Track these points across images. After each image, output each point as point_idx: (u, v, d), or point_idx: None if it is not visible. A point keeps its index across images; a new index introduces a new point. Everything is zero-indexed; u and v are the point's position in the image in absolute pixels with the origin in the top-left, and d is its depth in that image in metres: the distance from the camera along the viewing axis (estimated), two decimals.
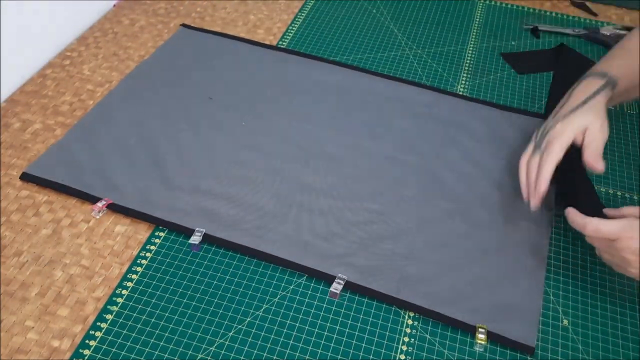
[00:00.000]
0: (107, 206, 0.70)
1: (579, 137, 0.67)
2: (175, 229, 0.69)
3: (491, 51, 1.00)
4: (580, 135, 0.67)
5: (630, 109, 0.91)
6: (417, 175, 0.77)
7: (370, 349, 0.60)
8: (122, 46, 0.96)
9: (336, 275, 0.65)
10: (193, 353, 0.59)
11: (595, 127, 0.66)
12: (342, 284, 0.65)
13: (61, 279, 0.64)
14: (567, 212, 0.64)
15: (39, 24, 0.90)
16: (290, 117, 0.84)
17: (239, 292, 0.64)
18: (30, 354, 0.58)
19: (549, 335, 0.62)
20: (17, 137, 0.80)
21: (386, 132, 0.83)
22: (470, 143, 0.82)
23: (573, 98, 0.70)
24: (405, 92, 0.90)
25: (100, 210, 0.71)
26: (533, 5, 1.12)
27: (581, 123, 0.67)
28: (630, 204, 0.76)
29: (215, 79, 0.90)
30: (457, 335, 0.62)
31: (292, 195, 0.73)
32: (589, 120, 0.67)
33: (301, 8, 1.07)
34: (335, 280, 0.65)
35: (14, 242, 0.67)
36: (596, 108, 0.67)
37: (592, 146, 0.66)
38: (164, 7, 1.05)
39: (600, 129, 0.66)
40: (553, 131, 0.67)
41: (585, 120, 0.67)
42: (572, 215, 0.63)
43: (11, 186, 0.73)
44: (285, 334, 0.61)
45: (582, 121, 0.67)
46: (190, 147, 0.79)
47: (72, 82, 0.89)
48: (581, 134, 0.67)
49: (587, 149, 0.66)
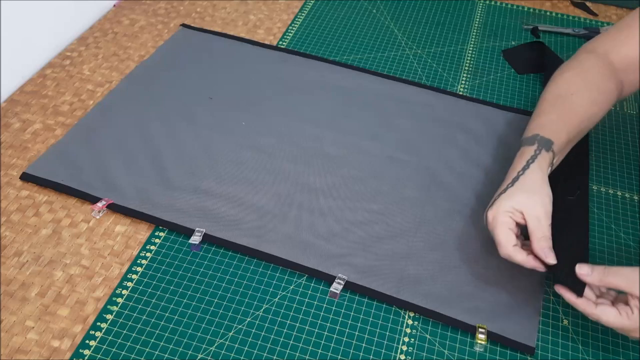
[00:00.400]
0: (107, 206, 0.70)
1: (519, 219, 0.61)
2: (175, 229, 0.69)
3: (491, 51, 1.00)
4: (518, 216, 0.61)
5: (630, 109, 0.91)
6: (417, 175, 0.77)
7: (370, 349, 0.60)
8: (122, 46, 0.96)
9: (336, 275, 0.65)
10: (193, 353, 0.59)
11: (531, 208, 0.60)
12: (342, 284, 0.65)
13: (61, 279, 0.64)
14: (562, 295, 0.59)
15: (39, 24, 0.90)
16: (290, 117, 0.84)
17: (239, 292, 0.64)
18: (30, 354, 0.58)
19: (549, 335, 0.62)
20: (17, 137, 0.80)
21: (386, 132, 0.83)
22: (470, 143, 0.82)
23: (507, 176, 0.65)
24: (405, 92, 0.90)
25: (100, 210, 0.71)
26: (533, 5, 1.12)
27: (512, 206, 0.61)
28: (630, 204, 0.76)
29: (215, 79, 0.90)
30: (457, 335, 0.62)
31: (292, 195, 0.73)
32: (521, 201, 0.61)
33: (301, 8, 1.07)
34: (336, 280, 0.65)
35: (14, 242, 0.67)
36: (528, 184, 0.62)
37: (538, 234, 0.60)
38: (164, 7, 1.05)
39: (539, 206, 0.60)
40: (488, 223, 0.62)
41: (516, 202, 0.61)
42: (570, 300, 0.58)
43: (11, 186, 0.73)
44: (285, 334, 0.61)
45: (513, 204, 0.61)
46: (190, 147, 0.79)
47: (72, 82, 0.89)
48: (518, 214, 0.61)
49: (533, 238, 0.60)
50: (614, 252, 0.71)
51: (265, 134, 0.81)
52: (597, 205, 0.76)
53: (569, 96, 0.70)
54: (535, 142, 0.66)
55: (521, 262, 0.60)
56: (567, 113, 0.69)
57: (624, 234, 0.73)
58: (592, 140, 0.85)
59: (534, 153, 0.65)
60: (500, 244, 0.61)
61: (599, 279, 0.57)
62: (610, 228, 0.73)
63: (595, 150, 0.83)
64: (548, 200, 0.62)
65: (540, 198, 0.61)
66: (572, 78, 0.72)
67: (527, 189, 0.62)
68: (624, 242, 0.72)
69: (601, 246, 0.71)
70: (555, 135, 0.66)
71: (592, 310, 0.56)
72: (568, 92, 0.70)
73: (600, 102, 0.71)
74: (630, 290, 0.55)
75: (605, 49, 0.73)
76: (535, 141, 0.66)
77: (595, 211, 0.75)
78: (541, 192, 0.62)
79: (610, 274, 0.57)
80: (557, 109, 0.69)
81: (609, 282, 0.56)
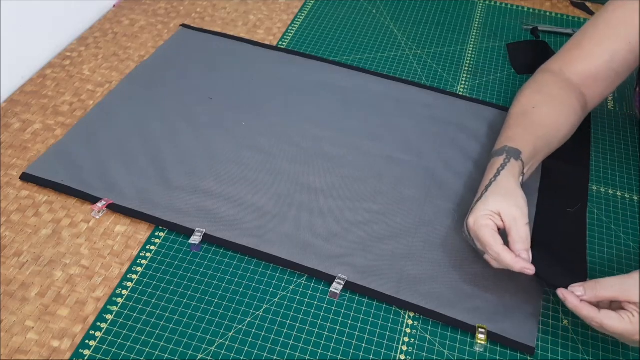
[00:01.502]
0: (107, 206, 0.70)
1: (498, 222, 0.62)
2: (175, 229, 0.69)
3: (491, 51, 1.00)
4: (497, 219, 0.62)
5: (631, 109, 0.91)
6: (416, 175, 0.77)
7: (370, 349, 0.60)
8: (122, 46, 0.96)
9: (336, 276, 0.65)
10: (193, 353, 0.59)
11: (507, 209, 0.61)
12: (342, 284, 0.65)
13: (61, 279, 0.64)
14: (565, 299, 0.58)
15: (39, 24, 0.90)
16: (290, 117, 0.84)
17: (239, 292, 0.64)
18: (30, 354, 0.58)
19: (549, 335, 0.62)
20: (17, 137, 0.80)
21: (386, 132, 0.83)
22: (470, 143, 0.82)
23: (481, 186, 0.67)
24: (405, 92, 0.90)
25: (100, 211, 0.71)
26: (533, 6, 1.12)
27: (488, 208, 0.62)
28: (630, 204, 0.76)
29: (215, 79, 0.90)
30: (457, 335, 0.62)
31: (292, 195, 0.73)
32: (496, 203, 0.62)
33: (301, 8, 1.07)
34: (336, 281, 0.65)
35: (14, 242, 0.67)
36: (500, 188, 0.64)
37: (515, 236, 0.60)
38: (164, 7, 1.05)
39: (514, 207, 0.62)
40: (470, 230, 0.63)
41: (492, 205, 0.62)
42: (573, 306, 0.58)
43: (11, 186, 0.73)
44: (285, 334, 0.61)
45: (489, 206, 0.62)
46: (190, 147, 0.79)
47: (72, 82, 0.89)
48: (497, 217, 0.62)
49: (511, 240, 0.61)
50: (613, 252, 0.71)
51: (265, 134, 0.81)
52: (597, 205, 0.76)
53: (531, 110, 0.73)
54: (504, 153, 0.68)
55: (510, 262, 0.59)
56: (532, 125, 0.72)
57: (623, 234, 0.73)
58: (592, 140, 0.85)
59: (503, 162, 0.67)
60: (488, 244, 0.61)
61: (594, 295, 0.57)
62: (610, 228, 0.73)
63: (595, 150, 0.83)
64: (523, 202, 0.63)
65: (515, 200, 0.63)
66: (532, 95, 0.75)
67: (501, 192, 0.64)
68: (623, 242, 0.72)
69: (601, 246, 0.71)
70: (522, 146, 0.68)
71: (595, 314, 0.56)
72: (530, 107, 0.73)
73: (563, 113, 0.73)
74: (628, 298, 0.55)
75: (560, 67, 0.77)
76: (504, 152, 0.68)
77: (595, 211, 0.75)
78: (515, 195, 0.63)
79: (602, 288, 0.57)
80: (522, 123, 0.72)
81: (603, 295, 0.57)
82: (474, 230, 0.62)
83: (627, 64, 0.73)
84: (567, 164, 0.78)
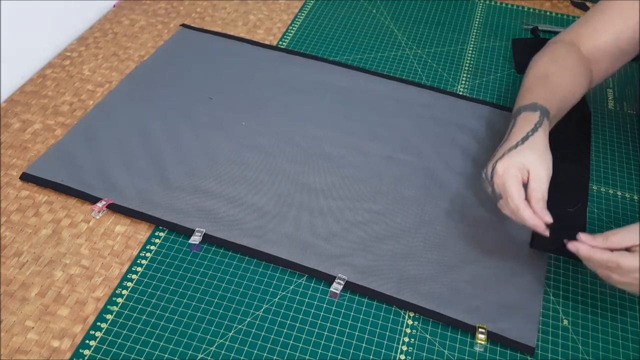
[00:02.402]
0: (107, 206, 0.70)
1: (524, 176, 0.63)
2: (175, 229, 0.69)
3: (491, 51, 1.00)
4: (524, 173, 0.63)
5: (631, 109, 0.91)
6: (416, 175, 0.77)
7: (370, 349, 0.60)
8: (122, 46, 0.96)
9: (336, 276, 0.65)
10: (193, 353, 0.59)
11: (537, 168, 0.62)
12: (342, 284, 0.65)
13: (61, 279, 0.64)
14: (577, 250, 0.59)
15: (39, 24, 0.90)
16: (289, 117, 0.84)
17: (239, 292, 0.64)
18: (30, 354, 0.58)
19: (549, 335, 0.62)
20: (17, 137, 0.80)
21: (386, 132, 0.83)
22: (470, 142, 0.82)
23: (512, 136, 0.66)
24: (405, 92, 0.90)
25: (100, 211, 0.71)
26: (533, 5, 1.12)
27: (522, 162, 0.63)
28: (630, 204, 0.76)
29: (215, 79, 0.90)
30: (457, 335, 0.62)
31: (292, 195, 0.73)
32: (530, 159, 0.63)
33: (301, 8, 1.07)
34: (336, 281, 0.65)
35: (14, 242, 0.67)
36: (537, 145, 0.64)
37: (537, 195, 0.61)
38: (164, 7, 1.05)
39: (544, 168, 0.62)
40: (497, 176, 0.63)
41: (526, 159, 0.63)
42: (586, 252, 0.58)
43: (11, 186, 0.73)
44: (285, 334, 0.61)
45: (523, 160, 0.63)
46: (190, 147, 0.79)
47: (72, 82, 0.89)
48: (525, 172, 0.63)
49: (532, 197, 0.61)
50: None
51: (265, 134, 0.81)
52: (597, 205, 0.76)
53: (549, 76, 0.73)
54: (537, 109, 0.68)
55: (527, 217, 0.60)
56: (551, 89, 0.72)
57: None
58: (592, 140, 0.85)
59: (539, 119, 0.67)
60: (511, 195, 0.61)
61: (602, 242, 0.58)
62: (610, 228, 0.73)
63: (595, 150, 0.83)
64: (550, 164, 0.64)
65: (546, 161, 0.63)
66: (548, 63, 0.76)
67: (536, 149, 0.64)
68: None
69: None
70: (548, 105, 0.69)
71: (609, 255, 0.56)
72: (546, 74, 0.74)
73: (577, 82, 0.74)
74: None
75: (572, 39, 0.77)
76: (537, 108, 0.68)
77: (595, 211, 0.75)
78: (547, 156, 0.64)
79: (613, 235, 0.58)
80: (543, 85, 0.72)
81: (614, 242, 0.58)
82: (501, 177, 0.63)
83: (633, 43, 0.74)
84: (568, 163, 0.78)
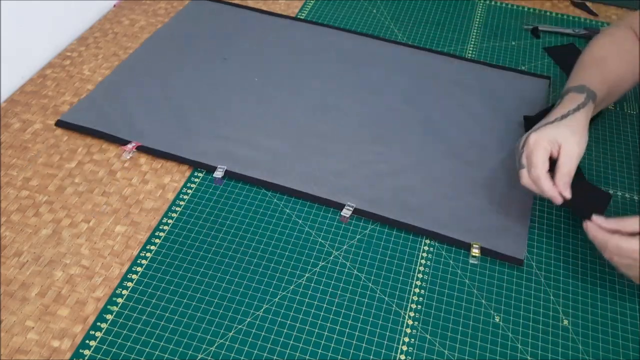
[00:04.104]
0: (136, 148, 0.77)
1: (555, 151, 0.65)
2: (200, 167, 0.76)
3: (491, 51, 1.00)
4: (555, 147, 0.65)
5: (631, 109, 0.91)
6: (416, 122, 0.84)
7: (371, 349, 0.60)
8: (122, 46, 0.96)
9: (345, 204, 0.72)
10: (193, 353, 0.59)
11: (569, 144, 0.64)
12: (351, 210, 0.71)
13: (61, 279, 0.64)
14: (587, 227, 0.63)
15: (39, 24, 0.90)
16: (299, 74, 0.91)
17: (239, 292, 0.64)
18: (30, 354, 0.58)
19: (549, 335, 0.62)
20: (17, 137, 0.80)
21: (389, 88, 0.90)
22: (464, 95, 0.89)
23: (555, 111, 0.69)
24: (406, 54, 0.97)
25: (130, 152, 0.77)
26: (533, 5, 1.12)
27: (555, 136, 0.65)
28: (630, 204, 0.76)
29: (228, 44, 0.96)
30: (457, 336, 0.62)
31: (302, 139, 0.80)
32: (565, 135, 0.65)
33: (301, 8, 1.07)
34: (345, 207, 0.72)
35: (14, 242, 0.67)
36: (575, 123, 0.66)
37: (564, 169, 0.64)
38: (164, 7, 1.05)
39: (576, 145, 0.65)
40: (527, 146, 0.66)
41: (560, 135, 0.65)
42: (593, 231, 0.62)
43: (11, 186, 0.73)
44: (285, 334, 0.61)
45: (556, 134, 0.65)
46: (207, 99, 0.86)
47: (72, 82, 0.89)
48: (557, 146, 0.65)
49: (558, 171, 0.64)
50: None
51: (276, 88, 0.88)
52: None
53: (604, 59, 0.75)
54: (584, 92, 0.70)
55: (546, 189, 0.64)
56: (603, 73, 0.74)
57: None
58: (592, 140, 0.85)
59: (584, 100, 0.69)
60: (535, 165, 0.64)
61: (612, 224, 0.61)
62: None
63: (595, 150, 0.83)
64: (584, 146, 0.66)
65: (581, 140, 0.66)
66: (607, 45, 0.77)
67: (573, 127, 0.66)
68: None
69: None
70: (597, 89, 0.71)
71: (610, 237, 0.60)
72: (602, 56, 0.75)
73: (631, 69, 0.76)
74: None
75: (632, 25, 0.78)
76: (584, 90, 0.70)
77: None
78: (583, 135, 0.66)
79: (623, 221, 0.61)
80: (598, 66, 0.74)
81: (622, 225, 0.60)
82: (531, 146, 0.65)
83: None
84: None
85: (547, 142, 0.65)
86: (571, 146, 0.64)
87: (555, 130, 0.66)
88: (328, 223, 0.71)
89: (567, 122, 0.67)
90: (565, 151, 0.64)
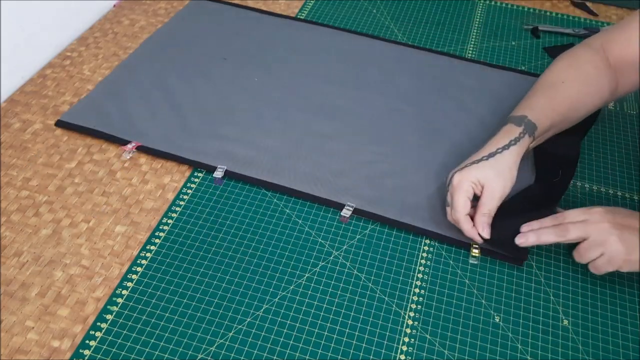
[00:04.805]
0: (136, 148, 0.77)
1: (477, 191, 0.66)
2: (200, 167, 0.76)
3: (491, 51, 1.00)
4: (478, 188, 0.66)
5: (631, 109, 0.91)
6: (416, 122, 0.85)
7: (371, 349, 0.60)
8: (122, 46, 0.96)
9: (345, 204, 0.72)
10: (193, 353, 0.59)
11: (492, 185, 0.65)
12: (351, 210, 0.71)
13: (61, 279, 0.64)
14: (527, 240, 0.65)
15: (39, 24, 0.90)
16: (300, 74, 0.91)
17: (239, 292, 0.64)
18: (30, 354, 0.58)
19: (549, 336, 0.62)
20: (17, 137, 0.80)
21: (389, 88, 0.90)
22: (465, 96, 0.90)
23: (487, 146, 0.68)
24: (411, 56, 0.97)
25: (130, 152, 0.77)
26: (533, 5, 1.12)
27: (478, 177, 0.65)
28: (630, 204, 0.76)
29: (228, 44, 0.96)
30: (457, 336, 0.62)
31: (302, 140, 0.80)
32: (488, 177, 0.65)
33: (301, 8, 1.07)
34: (345, 207, 0.72)
35: (14, 242, 0.67)
36: (501, 165, 0.66)
37: (484, 209, 0.65)
38: (164, 7, 1.05)
39: (499, 187, 0.65)
40: (451, 185, 0.67)
41: (483, 176, 0.65)
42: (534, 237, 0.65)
43: (11, 186, 0.73)
44: (285, 334, 0.61)
45: (480, 176, 0.65)
46: (207, 99, 0.85)
47: (72, 82, 0.89)
48: (479, 187, 0.65)
49: (478, 211, 0.65)
50: None
51: (276, 88, 0.88)
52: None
53: (560, 84, 0.73)
54: (522, 124, 0.69)
55: (465, 230, 0.66)
56: (556, 100, 0.72)
57: None
58: (592, 140, 0.85)
59: (518, 135, 0.68)
60: (455, 208, 0.66)
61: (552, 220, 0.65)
62: None
63: (595, 150, 0.83)
64: (510, 185, 0.66)
65: (505, 182, 0.66)
66: (566, 68, 0.75)
67: (498, 168, 0.66)
68: None
69: None
70: (541, 119, 0.69)
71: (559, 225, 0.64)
72: (559, 80, 0.73)
73: (590, 94, 0.73)
74: None
75: (601, 44, 0.76)
76: (522, 123, 0.69)
77: None
78: (508, 177, 0.66)
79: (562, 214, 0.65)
80: (548, 95, 0.72)
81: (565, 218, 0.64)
82: (454, 187, 0.66)
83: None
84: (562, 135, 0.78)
85: (469, 183, 0.65)
86: (494, 187, 0.65)
87: (480, 171, 0.65)
88: (328, 223, 0.71)
89: (493, 162, 0.66)
90: (487, 192, 0.65)
